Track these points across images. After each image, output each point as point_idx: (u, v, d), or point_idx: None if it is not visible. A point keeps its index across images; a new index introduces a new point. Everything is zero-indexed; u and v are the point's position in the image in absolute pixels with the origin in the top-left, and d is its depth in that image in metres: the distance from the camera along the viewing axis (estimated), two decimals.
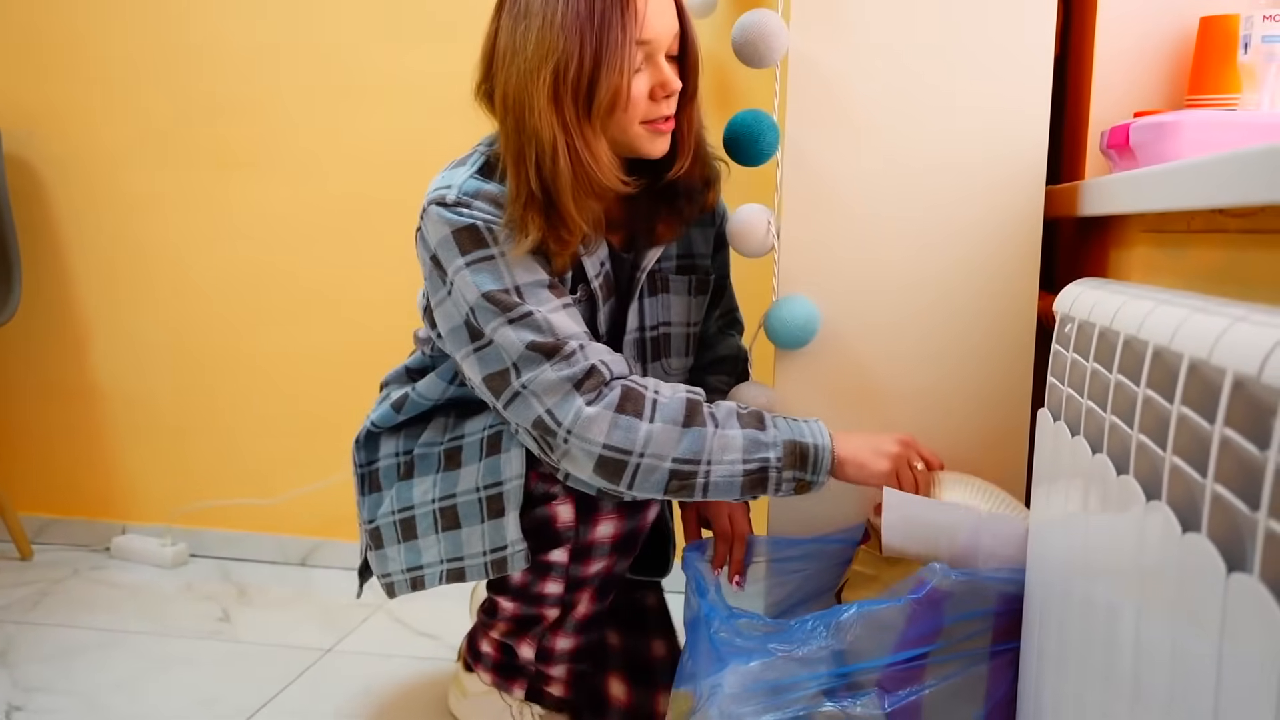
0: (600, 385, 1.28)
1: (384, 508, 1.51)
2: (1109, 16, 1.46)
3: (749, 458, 1.27)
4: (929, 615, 1.21)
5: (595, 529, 1.37)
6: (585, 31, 1.24)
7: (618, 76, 1.26)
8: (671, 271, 1.51)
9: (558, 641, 1.46)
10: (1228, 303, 0.76)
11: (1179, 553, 0.69)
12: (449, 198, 1.33)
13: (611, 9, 1.25)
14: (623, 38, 1.25)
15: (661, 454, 1.26)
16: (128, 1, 2.37)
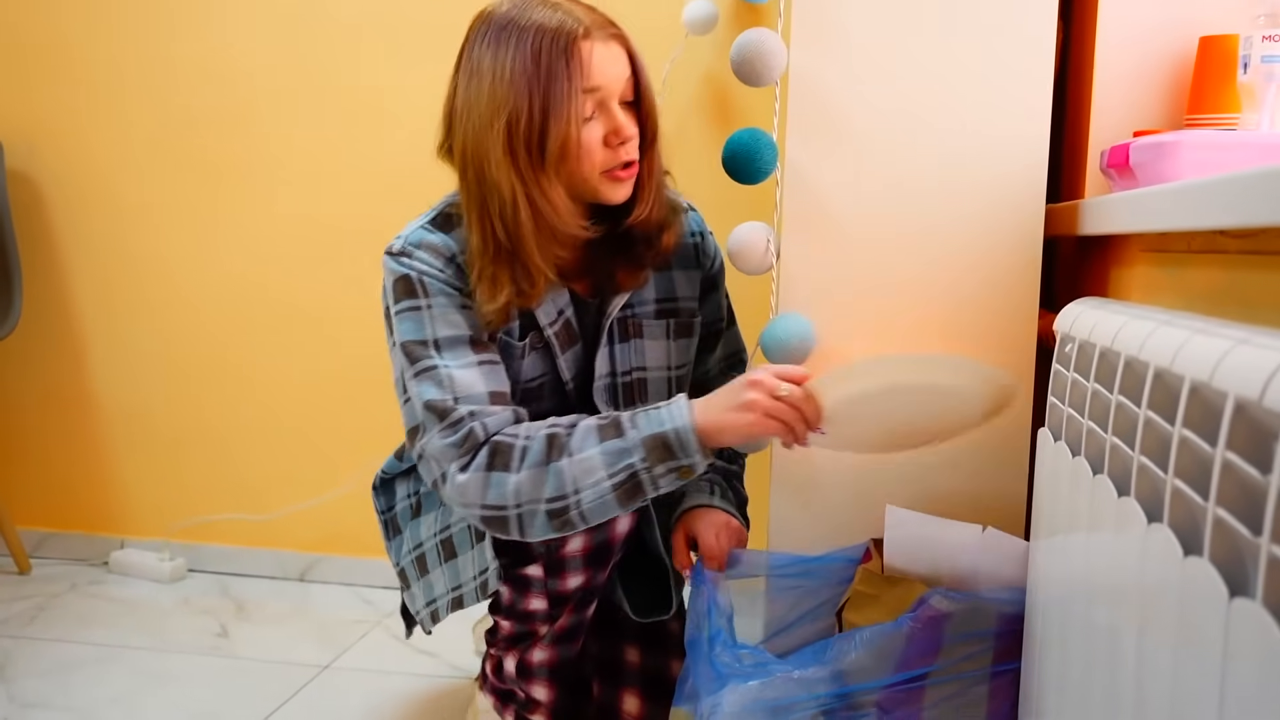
0: (474, 449, 1.29)
1: (404, 549, 1.56)
2: (1109, 36, 1.47)
3: (613, 471, 1.25)
4: (929, 636, 1.21)
5: (566, 543, 1.38)
6: (533, 84, 1.27)
7: (566, 125, 1.28)
8: (648, 316, 1.50)
9: (534, 653, 1.46)
10: (1229, 325, 0.76)
11: (1180, 576, 0.69)
12: (395, 247, 1.38)
13: (556, 60, 1.27)
14: (569, 87, 1.27)
15: (534, 499, 1.27)
16: (126, 18, 2.37)
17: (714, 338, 1.61)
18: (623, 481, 1.26)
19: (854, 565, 1.43)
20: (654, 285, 1.50)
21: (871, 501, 1.49)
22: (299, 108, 2.32)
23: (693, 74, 2.16)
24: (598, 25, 1.31)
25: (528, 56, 1.27)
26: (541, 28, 1.28)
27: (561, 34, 1.28)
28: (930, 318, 1.47)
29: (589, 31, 1.29)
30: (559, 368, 1.44)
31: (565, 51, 1.27)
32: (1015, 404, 1.32)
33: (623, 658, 1.58)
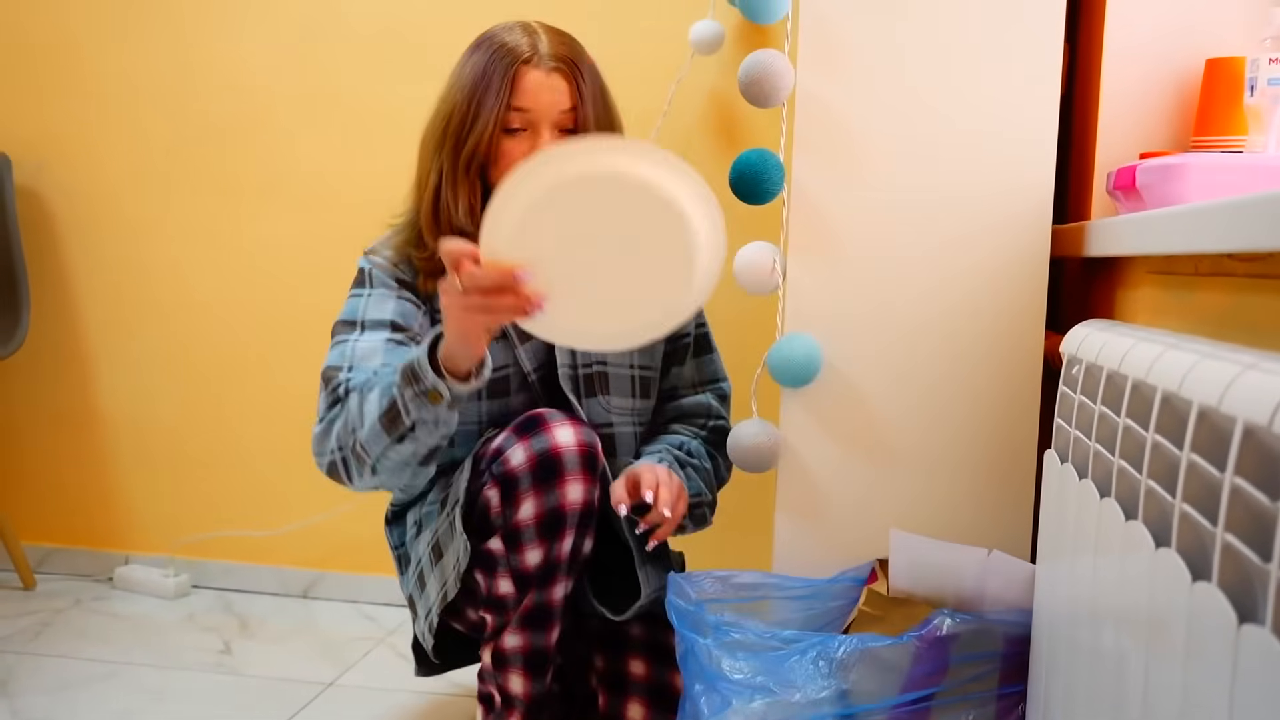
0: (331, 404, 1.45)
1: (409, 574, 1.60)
2: (1115, 57, 1.47)
3: (380, 401, 1.36)
4: (934, 656, 1.20)
5: (518, 510, 1.40)
6: (474, 89, 1.45)
7: (485, 129, 1.44)
8: None
9: (506, 639, 1.46)
10: (1237, 349, 0.76)
11: (1189, 602, 0.69)
12: (369, 247, 1.57)
13: (494, 72, 1.44)
14: (496, 99, 1.43)
15: (339, 445, 1.42)
16: (134, 32, 2.39)
17: (681, 351, 1.65)
18: (386, 409, 1.35)
19: (860, 586, 1.42)
20: None
21: (876, 523, 1.48)
22: (310, 121, 2.33)
23: (699, 93, 2.17)
24: (550, 56, 1.46)
25: (479, 66, 1.46)
26: (501, 46, 1.46)
27: (509, 54, 1.44)
28: (936, 338, 1.47)
29: (534, 59, 1.44)
30: (519, 359, 1.53)
31: (505, 70, 1.44)
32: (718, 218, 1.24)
33: (627, 669, 1.59)
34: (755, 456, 1.49)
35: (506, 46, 1.45)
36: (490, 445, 1.44)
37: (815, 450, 1.50)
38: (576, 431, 1.42)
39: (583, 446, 1.42)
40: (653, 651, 1.60)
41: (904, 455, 1.48)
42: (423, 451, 1.39)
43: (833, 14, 1.45)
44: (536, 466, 1.39)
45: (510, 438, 1.42)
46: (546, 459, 1.40)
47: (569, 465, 1.40)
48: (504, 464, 1.40)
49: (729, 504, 1.68)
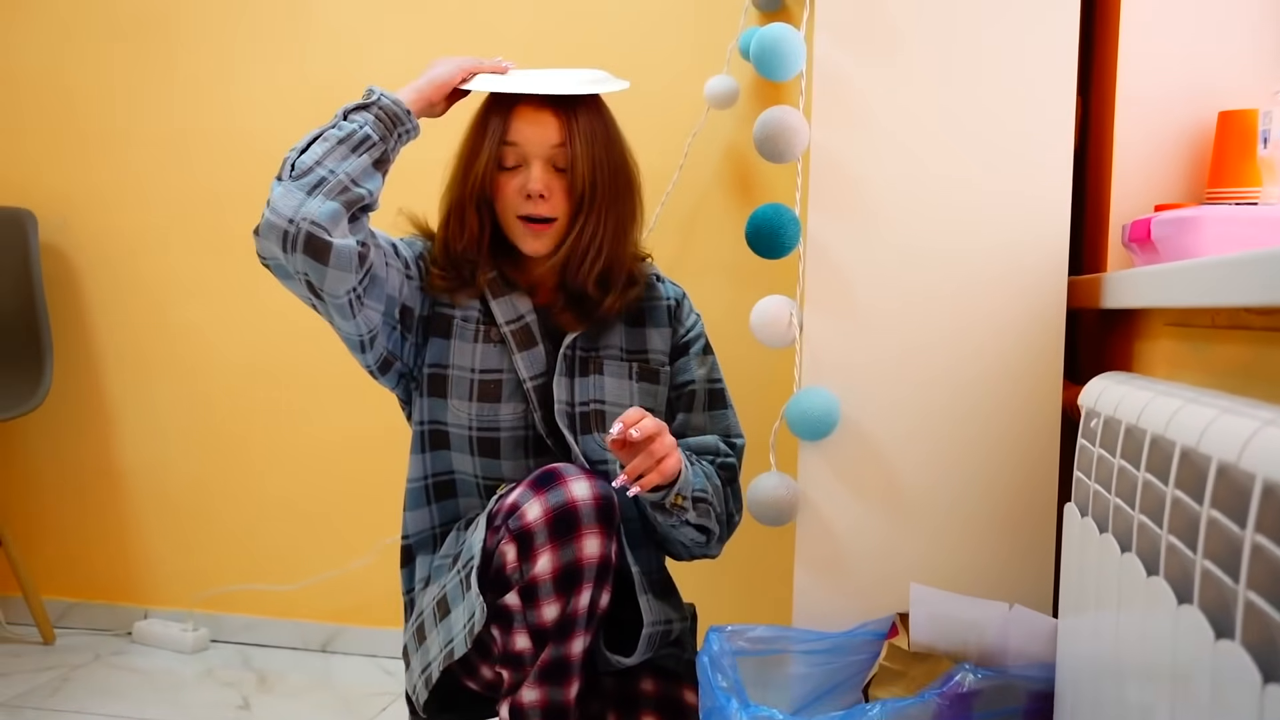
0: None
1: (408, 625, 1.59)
2: (1128, 109, 1.48)
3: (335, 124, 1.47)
4: (957, 713, 1.19)
5: (535, 565, 1.39)
6: (479, 124, 1.55)
7: (482, 163, 1.52)
8: (611, 358, 1.59)
9: (524, 694, 1.45)
10: (1255, 404, 0.76)
11: (1212, 659, 0.68)
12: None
13: (492, 111, 1.54)
14: (492, 135, 1.52)
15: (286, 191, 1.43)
16: (157, 91, 2.43)
17: (688, 399, 1.64)
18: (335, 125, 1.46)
19: (880, 640, 1.41)
20: (624, 336, 1.61)
21: (896, 576, 1.48)
22: None
23: (715, 148, 2.19)
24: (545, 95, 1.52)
25: (487, 107, 1.56)
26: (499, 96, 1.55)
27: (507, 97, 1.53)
28: (954, 390, 1.47)
29: (529, 98, 1.52)
30: (516, 365, 1.55)
31: (502, 109, 1.53)
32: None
33: (638, 687, 1.58)
34: (774, 509, 1.49)
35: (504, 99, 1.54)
36: (505, 501, 1.43)
37: (834, 503, 1.49)
38: (592, 485, 1.42)
39: (598, 499, 1.41)
40: (665, 709, 1.58)
41: (923, 508, 1.48)
42: (335, 166, 1.43)
43: (846, 70, 1.47)
44: (553, 521, 1.39)
45: (526, 492, 1.42)
46: (563, 513, 1.39)
47: (585, 519, 1.40)
48: (520, 519, 1.40)
49: (748, 556, 1.67)
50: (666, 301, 1.64)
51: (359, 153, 1.44)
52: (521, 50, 1.67)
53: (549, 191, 1.51)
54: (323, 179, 1.42)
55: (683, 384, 1.64)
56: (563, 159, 1.52)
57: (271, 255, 1.43)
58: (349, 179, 1.42)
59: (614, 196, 1.55)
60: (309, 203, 1.40)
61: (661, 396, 1.62)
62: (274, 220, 1.40)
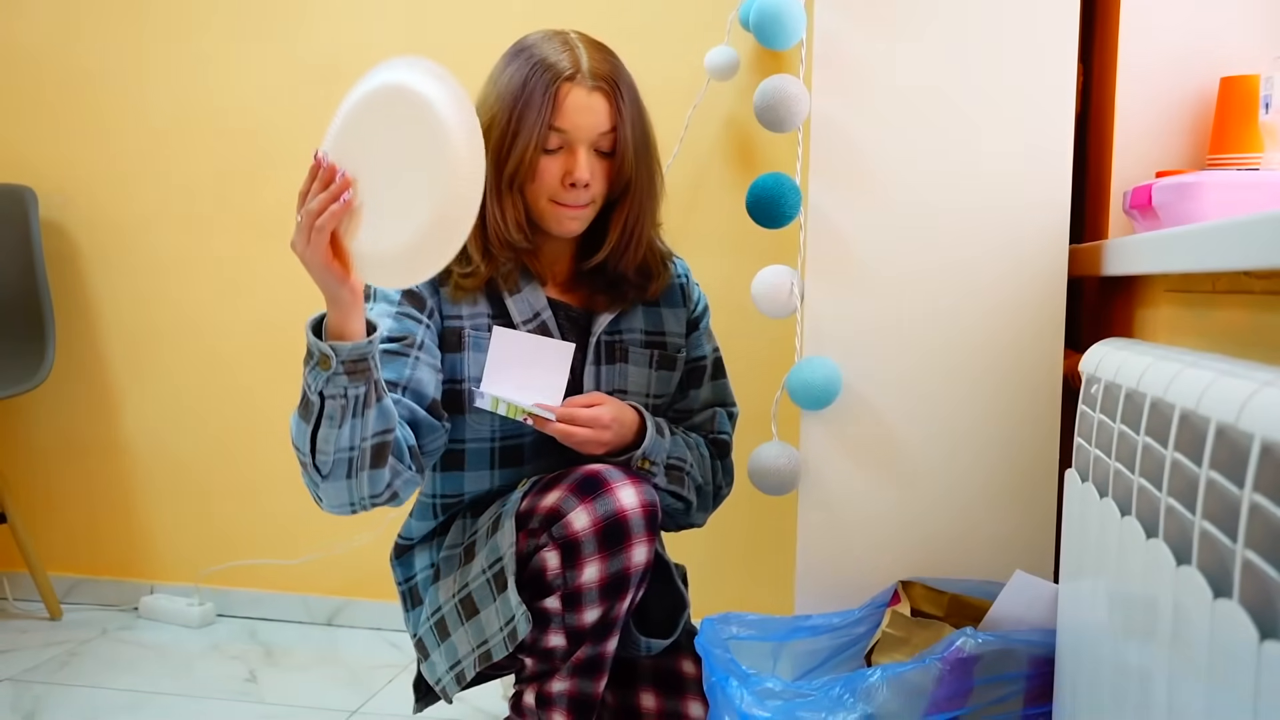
0: None
1: (423, 616, 1.57)
2: (1129, 77, 1.48)
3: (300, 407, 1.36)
4: (959, 678, 1.20)
5: (581, 574, 1.38)
6: (514, 104, 1.42)
7: (526, 149, 1.42)
8: (635, 344, 1.56)
9: (553, 684, 1.46)
10: (1254, 366, 0.76)
11: (1210, 619, 0.69)
12: None
13: (535, 89, 1.42)
14: (537, 117, 1.41)
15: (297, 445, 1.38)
16: (159, 69, 2.42)
17: (698, 374, 1.64)
18: (301, 399, 1.36)
19: (882, 609, 1.42)
20: (643, 318, 1.58)
21: (898, 544, 1.49)
22: None
23: (715, 118, 2.18)
24: (591, 74, 1.43)
25: (519, 80, 1.43)
26: (541, 60, 1.43)
27: (550, 71, 1.42)
28: (955, 358, 1.47)
29: (576, 77, 1.42)
30: None
31: (547, 88, 1.41)
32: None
33: (638, 703, 1.58)
34: (776, 479, 1.50)
35: (547, 61, 1.42)
36: (542, 502, 1.40)
37: (836, 472, 1.50)
38: (638, 491, 1.39)
39: (646, 507, 1.39)
40: (663, 684, 1.58)
41: (924, 476, 1.49)
42: (353, 440, 1.34)
43: (846, 38, 1.47)
44: (602, 531, 1.36)
45: (570, 498, 1.38)
46: (613, 523, 1.36)
47: (635, 529, 1.37)
48: (566, 528, 1.36)
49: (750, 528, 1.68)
50: (678, 280, 1.63)
51: (360, 413, 1.33)
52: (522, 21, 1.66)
53: (593, 178, 1.45)
54: (350, 459, 1.35)
55: (695, 360, 1.63)
56: (608, 144, 1.46)
57: None
58: (371, 438, 1.35)
59: (650, 179, 1.51)
60: (355, 486, 1.37)
61: (674, 381, 1.61)
62: (336, 510, 1.42)
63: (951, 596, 1.44)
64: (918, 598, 1.45)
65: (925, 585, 1.46)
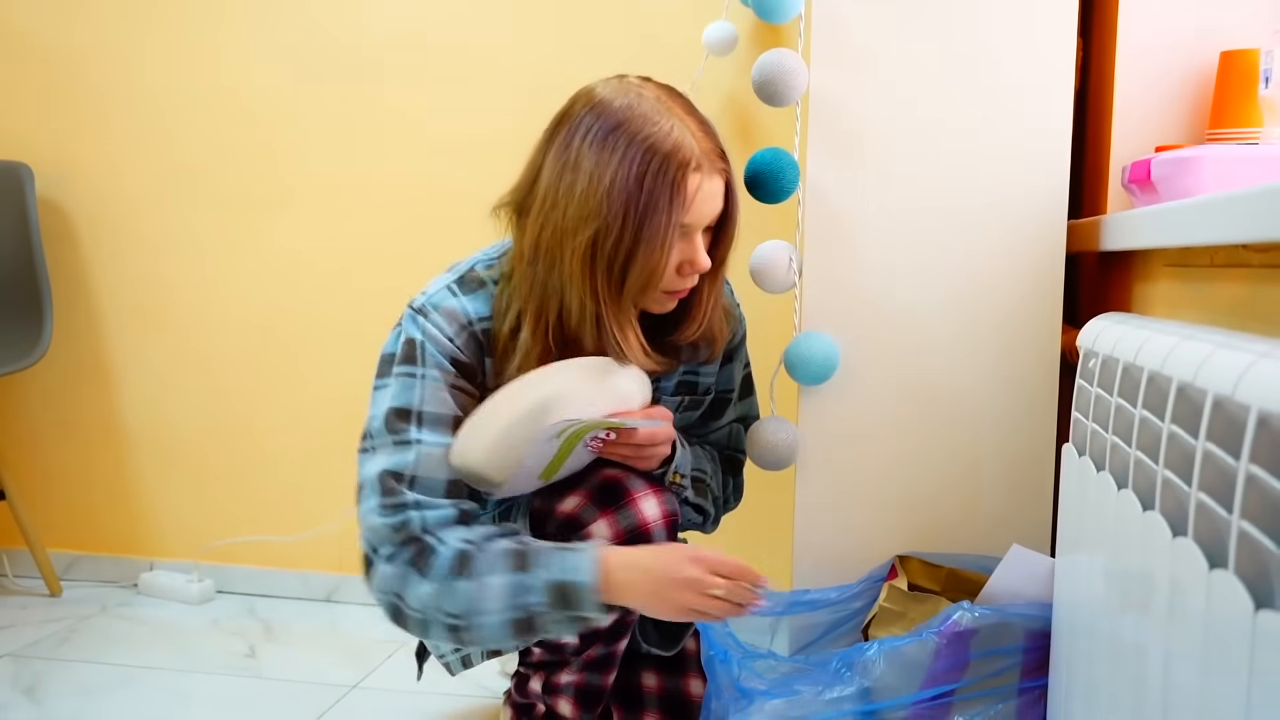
0: (404, 541, 1.30)
1: None
2: (1129, 52, 1.47)
3: (513, 604, 1.24)
4: (955, 652, 1.21)
5: None
6: (630, 206, 1.23)
7: (656, 258, 1.25)
8: (665, 392, 1.50)
9: (561, 676, 1.46)
10: (1252, 338, 0.76)
11: (1206, 590, 0.69)
12: (416, 302, 1.37)
13: (661, 190, 1.23)
14: (667, 221, 1.24)
15: (436, 610, 1.27)
16: (155, 47, 2.41)
17: (722, 405, 1.59)
18: (519, 619, 1.25)
19: (879, 584, 1.43)
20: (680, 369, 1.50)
21: (896, 518, 1.49)
22: (326, 132, 2.35)
23: (714, 94, 2.18)
24: (709, 155, 1.27)
25: (631, 175, 1.23)
26: (653, 147, 1.24)
27: (672, 162, 1.23)
28: (953, 334, 1.47)
29: (700, 163, 1.26)
30: None
31: (672, 183, 1.23)
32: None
33: (640, 683, 1.58)
34: (774, 454, 1.50)
35: (662, 149, 1.24)
36: (558, 505, 1.37)
37: (834, 447, 1.50)
38: (660, 502, 1.36)
39: (667, 518, 1.37)
40: (664, 662, 1.59)
41: (922, 451, 1.49)
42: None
43: (845, 12, 1.46)
44: (624, 544, 1.32)
45: (590, 507, 1.35)
46: (636, 536, 1.34)
47: (658, 541, 1.35)
48: (586, 539, 1.33)
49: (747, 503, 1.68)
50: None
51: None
52: None
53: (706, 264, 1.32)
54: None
55: (724, 391, 1.57)
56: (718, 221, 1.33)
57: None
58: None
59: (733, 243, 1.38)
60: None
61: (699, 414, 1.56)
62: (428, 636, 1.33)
63: (948, 571, 1.45)
64: (914, 572, 1.45)
65: (922, 560, 1.46)
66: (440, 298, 1.36)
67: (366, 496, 1.33)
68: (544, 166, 1.31)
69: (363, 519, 1.34)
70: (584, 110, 1.29)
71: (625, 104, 1.27)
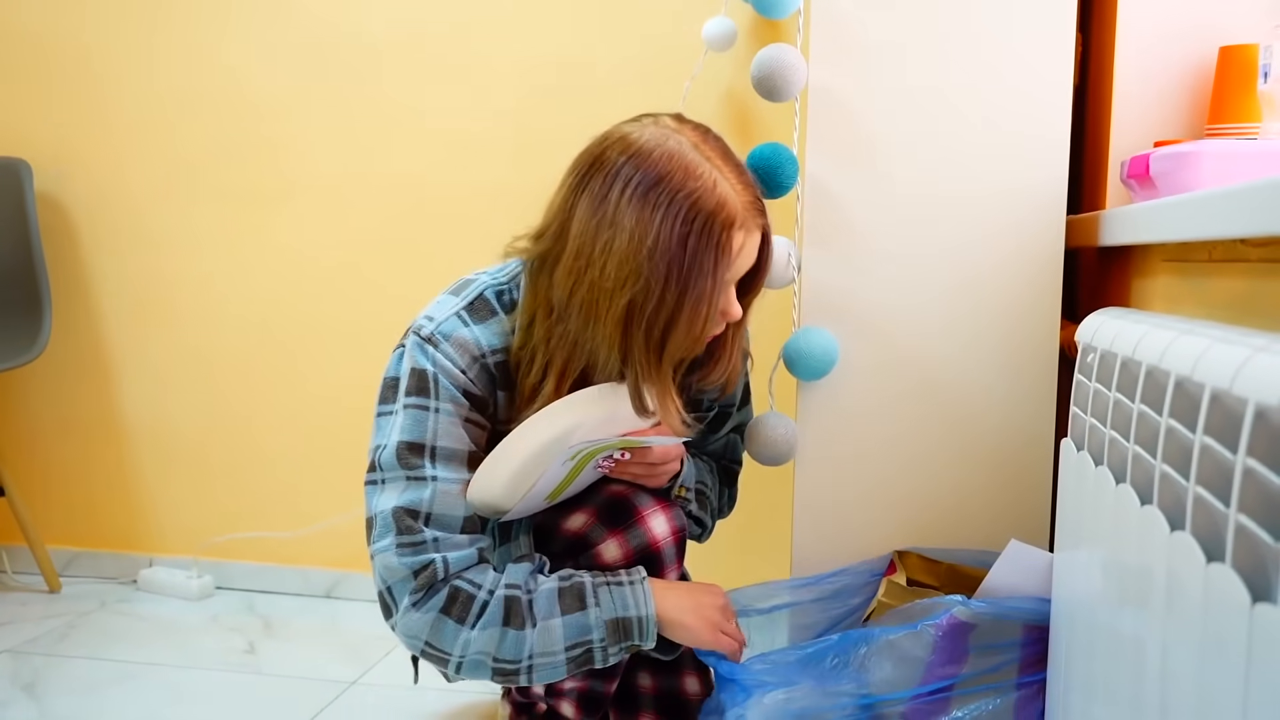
0: (430, 584, 1.27)
1: None
2: (1128, 47, 1.47)
3: (572, 643, 1.26)
4: (954, 646, 1.21)
5: None
6: (673, 269, 1.19)
7: (699, 323, 1.22)
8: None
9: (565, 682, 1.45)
10: (1250, 332, 0.76)
11: (1203, 583, 0.69)
12: (424, 330, 1.32)
13: (705, 251, 1.19)
14: (711, 284, 1.20)
15: (484, 654, 1.27)
16: (155, 41, 2.41)
17: (723, 418, 1.58)
18: (578, 656, 1.27)
19: (878, 579, 1.43)
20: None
21: (894, 513, 1.49)
22: (326, 128, 2.34)
23: (713, 90, 2.17)
24: (749, 209, 1.24)
25: (674, 236, 1.18)
26: (696, 205, 1.19)
27: (716, 222, 1.20)
28: (952, 329, 1.47)
29: (744, 221, 1.22)
30: None
31: (717, 245, 1.20)
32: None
33: (635, 683, 1.57)
34: (773, 449, 1.50)
35: (705, 209, 1.19)
36: (564, 523, 1.36)
37: (832, 442, 1.50)
38: (668, 518, 1.36)
39: (676, 534, 1.36)
40: (659, 662, 1.58)
41: (922, 446, 1.49)
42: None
43: (845, 8, 1.46)
44: (633, 563, 1.33)
45: (598, 526, 1.34)
46: (645, 555, 1.34)
47: (667, 559, 1.35)
48: (596, 559, 1.33)
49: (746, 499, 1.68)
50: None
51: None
52: None
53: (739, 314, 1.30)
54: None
55: (725, 405, 1.57)
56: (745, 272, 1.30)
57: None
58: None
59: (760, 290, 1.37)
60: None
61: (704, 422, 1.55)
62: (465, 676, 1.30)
63: (947, 566, 1.45)
64: (913, 567, 1.45)
65: (920, 555, 1.46)
66: (451, 326, 1.31)
67: (380, 533, 1.30)
68: (574, 215, 1.25)
69: (377, 556, 1.30)
70: (621, 159, 1.22)
71: (665, 154, 1.21)
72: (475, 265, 1.42)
